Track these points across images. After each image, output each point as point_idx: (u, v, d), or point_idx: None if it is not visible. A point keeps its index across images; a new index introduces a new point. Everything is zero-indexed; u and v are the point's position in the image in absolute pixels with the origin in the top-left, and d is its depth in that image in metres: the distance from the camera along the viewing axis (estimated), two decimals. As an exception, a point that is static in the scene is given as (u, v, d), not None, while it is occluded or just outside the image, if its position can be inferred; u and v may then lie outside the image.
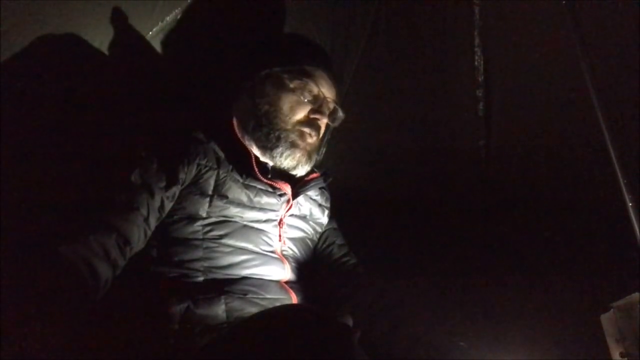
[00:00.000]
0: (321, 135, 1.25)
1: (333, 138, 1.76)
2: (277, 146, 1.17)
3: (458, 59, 1.63)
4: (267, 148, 1.18)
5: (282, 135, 1.17)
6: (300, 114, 1.19)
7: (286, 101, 1.18)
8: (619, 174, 1.08)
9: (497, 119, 1.64)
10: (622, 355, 0.96)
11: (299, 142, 1.18)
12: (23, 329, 0.68)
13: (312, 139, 1.21)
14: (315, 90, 1.20)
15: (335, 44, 1.67)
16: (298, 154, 1.18)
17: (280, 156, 1.17)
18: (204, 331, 0.94)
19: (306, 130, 1.19)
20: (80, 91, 1.16)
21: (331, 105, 1.25)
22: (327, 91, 1.23)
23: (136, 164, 1.01)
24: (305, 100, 1.19)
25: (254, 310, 1.01)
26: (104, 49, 1.19)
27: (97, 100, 1.19)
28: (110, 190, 0.98)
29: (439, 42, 1.65)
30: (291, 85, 1.19)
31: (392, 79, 1.72)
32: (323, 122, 1.22)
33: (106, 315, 0.90)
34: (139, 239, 0.97)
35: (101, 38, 1.18)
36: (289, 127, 1.18)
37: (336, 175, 1.40)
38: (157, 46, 1.33)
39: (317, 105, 1.21)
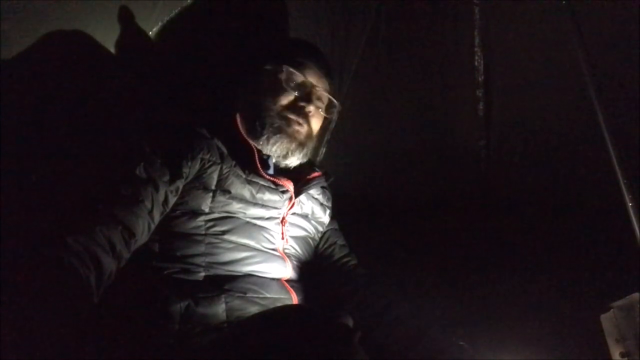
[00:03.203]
0: (312, 124, 1.24)
1: (333, 138, 1.76)
2: (262, 133, 1.17)
3: (458, 59, 1.64)
4: (256, 137, 1.18)
5: (266, 122, 1.17)
6: (284, 101, 1.19)
7: (270, 90, 1.20)
8: (619, 174, 1.08)
9: (497, 119, 1.64)
10: (622, 355, 0.96)
11: (286, 128, 1.18)
12: (23, 326, 0.68)
13: (300, 127, 1.20)
14: (300, 78, 1.21)
15: (335, 44, 1.67)
16: (285, 141, 1.18)
17: (268, 143, 1.18)
18: (204, 331, 0.94)
19: (291, 116, 1.19)
20: (81, 90, 1.16)
21: (321, 94, 1.25)
22: (315, 80, 1.23)
23: (141, 158, 1.02)
24: (290, 87, 1.20)
25: (254, 309, 1.01)
26: (105, 48, 1.19)
27: (100, 98, 1.19)
28: (115, 183, 0.98)
29: (439, 42, 1.65)
30: (278, 76, 1.20)
31: (392, 79, 1.72)
32: (310, 108, 1.20)
33: (107, 314, 0.90)
34: (143, 231, 0.97)
35: (101, 38, 1.18)
36: (272, 113, 1.18)
37: (336, 175, 1.41)
38: (157, 46, 1.33)
39: (303, 92, 1.21)
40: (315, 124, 1.26)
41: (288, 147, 1.19)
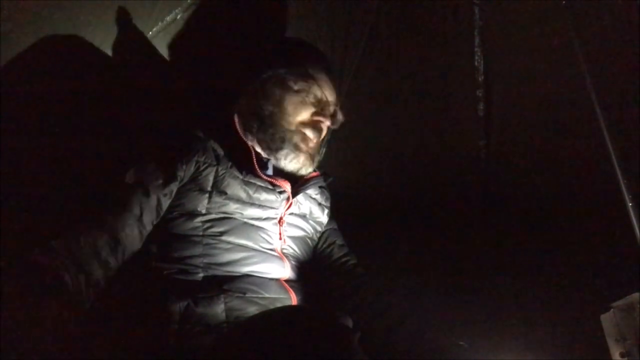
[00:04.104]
0: (322, 137, 1.26)
1: (333, 138, 1.76)
2: (281, 148, 1.18)
3: (458, 58, 1.63)
4: (272, 150, 1.19)
5: (286, 137, 1.18)
6: (304, 115, 1.21)
7: (290, 102, 1.19)
8: (619, 174, 1.08)
9: (497, 119, 1.64)
10: (622, 355, 0.96)
11: (302, 145, 1.20)
12: (17, 331, 0.68)
13: (313, 143, 1.23)
14: (318, 93, 1.22)
15: (335, 44, 1.67)
16: (302, 158, 1.20)
17: (285, 158, 1.19)
18: (204, 331, 0.94)
19: (308, 133, 1.20)
20: (80, 91, 1.16)
21: (332, 109, 1.27)
22: (329, 94, 1.24)
23: (132, 163, 1.02)
24: (309, 102, 1.21)
25: (253, 309, 1.01)
26: (104, 48, 1.20)
27: (96, 100, 1.19)
28: (105, 190, 0.99)
29: (439, 42, 1.65)
30: (295, 87, 1.20)
31: (392, 79, 1.72)
32: (325, 124, 1.23)
33: (106, 314, 0.90)
34: (133, 239, 0.97)
35: (101, 38, 1.18)
36: (292, 127, 1.19)
37: (336, 175, 1.41)
38: (157, 46, 1.33)
39: (320, 107, 1.22)
40: (324, 134, 1.28)
41: (303, 164, 1.21)
